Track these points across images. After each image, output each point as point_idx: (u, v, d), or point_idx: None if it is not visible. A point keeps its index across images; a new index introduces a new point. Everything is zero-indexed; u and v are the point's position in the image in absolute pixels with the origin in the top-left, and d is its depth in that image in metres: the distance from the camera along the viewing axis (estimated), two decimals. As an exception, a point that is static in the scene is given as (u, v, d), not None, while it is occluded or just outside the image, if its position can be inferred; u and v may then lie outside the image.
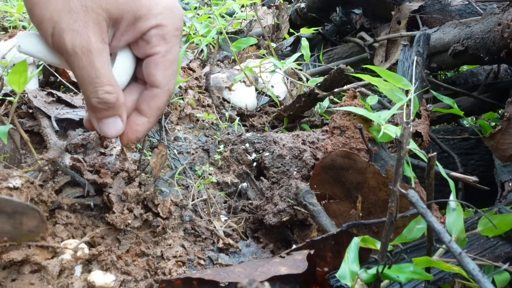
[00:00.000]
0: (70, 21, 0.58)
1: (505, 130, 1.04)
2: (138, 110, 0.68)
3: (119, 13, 0.61)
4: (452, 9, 1.63)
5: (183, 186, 0.95)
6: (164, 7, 0.63)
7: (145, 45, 0.64)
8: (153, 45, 0.64)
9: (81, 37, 0.58)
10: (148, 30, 0.63)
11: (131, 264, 0.75)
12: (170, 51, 0.66)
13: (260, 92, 1.41)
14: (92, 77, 0.60)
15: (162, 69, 0.65)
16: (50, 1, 0.58)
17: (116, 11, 0.60)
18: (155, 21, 0.63)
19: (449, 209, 0.60)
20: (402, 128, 0.47)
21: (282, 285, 0.62)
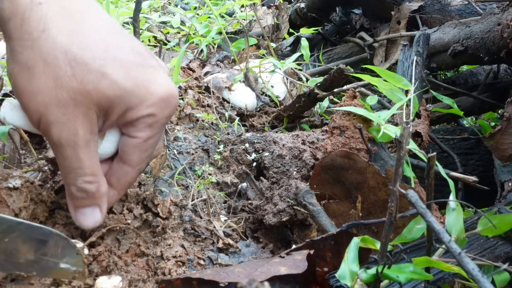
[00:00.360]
0: (58, 114, 0.55)
1: (505, 130, 1.04)
2: (108, 182, 0.66)
3: (110, 105, 0.59)
4: (451, 9, 1.63)
5: (182, 186, 0.95)
6: (158, 98, 0.61)
7: (130, 126, 0.62)
8: (138, 130, 0.62)
9: (68, 130, 0.56)
10: (137, 119, 0.61)
11: (131, 264, 0.75)
12: (153, 137, 0.64)
13: (260, 92, 1.41)
14: (74, 168, 0.58)
15: (139, 152, 0.64)
16: (36, 93, 0.55)
17: (107, 104, 0.58)
18: (146, 111, 0.61)
19: (449, 209, 0.60)
20: (402, 128, 0.47)
21: (282, 285, 0.62)
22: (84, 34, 0.57)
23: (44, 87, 0.55)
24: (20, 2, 0.55)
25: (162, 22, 2.07)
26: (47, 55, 0.54)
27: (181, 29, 1.90)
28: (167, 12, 2.34)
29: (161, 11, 2.36)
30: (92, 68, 0.56)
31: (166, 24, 2.07)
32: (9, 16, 0.54)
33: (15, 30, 0.55)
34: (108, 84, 0.57)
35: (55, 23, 0.55)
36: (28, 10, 0.55)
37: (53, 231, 0.51)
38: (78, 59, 0.55)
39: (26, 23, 0.54)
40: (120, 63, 0.58)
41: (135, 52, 0.61)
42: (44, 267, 0.52)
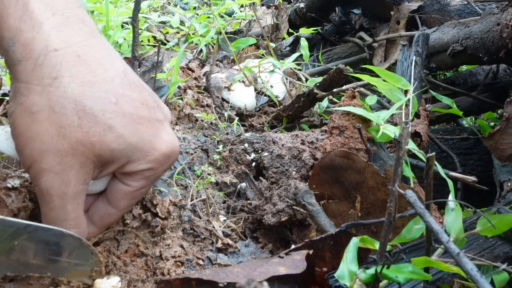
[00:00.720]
0: (53, 163, 0.54)
1: (504, 130, 1.04)
2: (89, 217, 0.66)
3: (112, 158, 0.58)
4: (451, 9, 1.63)
5: (182, 186, 0.94)
6: (161, 154, 0.61)
7: (126, 176, 0.62)
8: (133, 180, 0.62)
9: (60, 180, 0.55)
10: (136, 172, 0.61)
11: (130, 264, 0.75)
12: (145, 187, 0.64)
13: (259, 92, 1.41)
14: (59, 219, 0.57)
15: (128, 199, 0.64)
16: (35, 139, 0.54)
17: (109, 156, 0.58)
18: (146, 166, 0.61)
19: (448, 209, 0.60)
20: (401, 128, 0.47)
21: (281, 285, 0.62)
22: (96, 86, 0.56)
23: (44, 135, 0.54)
24: (35, 47, 0.53)
25: (162, 22, 2.07)
26: (55, 103, 0.53)
27: (180, 29, 1.90)
28: (167, 12, 2.34)
29: (161, 11, 2.36)
30: (100, 120, 0.55)
31: (166, 24, 2.07)
32: (20, 59, 0.53)
33: (25, 73, 0.53)
34: (114, 137, 0.56)
35: (69, 72, 0.54)
36: (42, 56, 0.53)
37: (64, 231, 0.50)
38: (87, 110, 0.54)
39: (38, 69, 0.53)
40: (129, 117, 0.58)
41: (144, 105, 0.60)
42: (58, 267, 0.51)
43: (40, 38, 0.53)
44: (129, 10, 1.81)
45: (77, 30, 0.56)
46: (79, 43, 0.55)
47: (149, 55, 1.44)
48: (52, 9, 0.54)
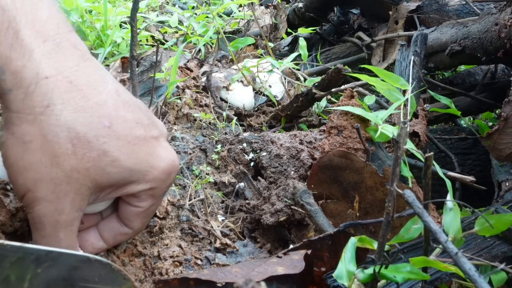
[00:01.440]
0: (47, 192, 0.53)
1: (502, 130, 1.04)
2: (100, 233, 0.65)
3: (108, 182, 0.57)
4: (449, 9, 1.63)
5: (180, 186, 0.94)
6: (160, 172, 0.61)
7: (131, 197, 0.62)
8: (140, 200, 0.62)
9: (53, 209, 0.53)
10: (138, 192, 0.60)
11: (128, 264, 0.75)
12: (155, 204, 0.64)
13: (257, 92, 1.41)
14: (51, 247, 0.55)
15: (141, 219, 0.64)
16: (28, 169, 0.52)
17: (105, 181, 0.56)
18: (147, 186, 0.60)
19: (446, 209, 0.60)
20: (399, 128, 0.47)
21: (279, 285, 0.62)
22: (89, 111, 0.55)
23: (37, 164, 0.52)
24: (25, 75, 0.51)
25: (160, 22, 2.06)
26: (48, 132, 0.52)
27: (179, 29, 1.90)
28: (165, 11, 2.34)
29: (159, 10, 2.36)
30: (95, 146, 0.54)
31: (164, 23, 2.07)
32: (10, 87, 0.51)
33: (15, 103, 0.52)
34: (109, 161, 0.56)
35: (61, 99, 0.53)
36: (33, 84, 0.52)
37: (90, 257, 0.47)
38: (81, 137, 0.54)
39: (29, 97, 0.52)
40: (123, 139, 0.57)
41: (138, 124, 0.60)
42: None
43: (30, 66, 0.52)
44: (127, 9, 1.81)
45: (69, 55, 0.55)
46: (71, 69, 0.54)
47: (148, 54, 1.44)
48: (43, 35, 0.53)
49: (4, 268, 0.44)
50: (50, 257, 0.45)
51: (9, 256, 0.44)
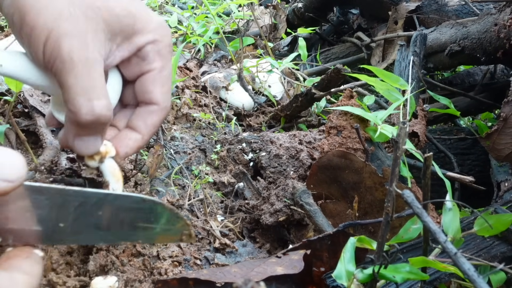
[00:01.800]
0: (69, 27, 0.54)
1: (501, 130, 1.04)
2: (132, 127, 0.64)
3: (119, 26, 0.58)
4: (449, 9, 1.63)
5: (179, 186, 0.94)
6: (157, 24, 0.62)
7: (140, 62, 0.62)
8: (150, 61, 0.62)
9: (80, 44, 0.54)
10: (144, 45, 0.61)
11: (127, 264, 0.75)
12: (166, 67, 0.64)
13: (257, 92, 1.41)
14: (87, 88, 0.54)
15: (159, 85, 0.63)
16: (46, 7, 0.54)
17: (116, 24, 0.58)
18: (152, 36, 0.61)
19: (445, 209, 0.60)
20: (399, 128, 0.47)
21: (279, 285, 0.62)
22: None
23: (54, 2, 0.54)
24: None
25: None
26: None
27: (178, 29, 1.90)
28: (165, 11, 2.34)
29: (159, 10, 2.36)
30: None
31: (164, 23, 2.06)
32: None
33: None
34: (115, 2, 0.58)
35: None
36: None
37: (145, 198, 0.49)
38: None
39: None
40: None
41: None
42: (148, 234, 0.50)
43: None
44: (127, 9, 1.80)
45: None
46: None
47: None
48: None
49: (69, 213, 0.46)
50: (108, 199, 0.47)
51: (72, 201, 0.46)
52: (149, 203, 0.49)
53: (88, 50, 0.55)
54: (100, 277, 0.69)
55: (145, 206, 0.49)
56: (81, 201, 0.47)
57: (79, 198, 0.46)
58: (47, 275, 0.68)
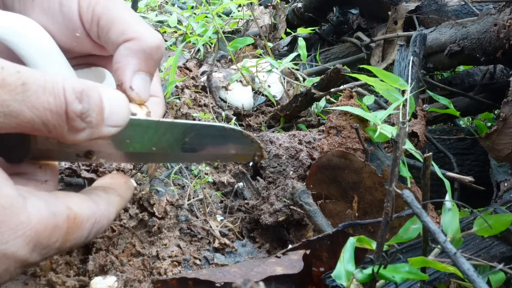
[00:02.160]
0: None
1: (501, 131, 1.04)
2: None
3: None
4: (448, 9, 1.64)
5: (179, 185, 0.94)
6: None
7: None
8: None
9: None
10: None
11: (127, 264, 0.75)
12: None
13: (256, 92, 1.41)
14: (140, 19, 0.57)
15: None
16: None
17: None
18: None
19: (445, 209, 0.60)
20: (398, 128, 0.47)
21: (278, 285, 0.62)
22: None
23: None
24: None
25: (159, 21, 2.06)
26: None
27: (178, 29, 1.90)
28: (164, 11, 2.34)
29: (158, 10, 2.36)
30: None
31: (163, 23, 2.07)
32: None
33: None
34: None
35: None
36: None
37: (226, 126, 0.56)
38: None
39: None
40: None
41: None
42: (225, 155, 0.57)
43: None
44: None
45: None
46: None
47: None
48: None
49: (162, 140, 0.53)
50: (195, 129, 0.54)
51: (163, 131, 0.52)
52: (230, 131, 0.56)
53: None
54: (100, 277, 0.69)
55: (226, 133, 0.56)
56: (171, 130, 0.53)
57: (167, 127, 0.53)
58: (47, 275, 0.68)
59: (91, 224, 0.48)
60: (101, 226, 0.50)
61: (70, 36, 0.57)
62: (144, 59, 0.55)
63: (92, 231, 0.48)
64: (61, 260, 0.72)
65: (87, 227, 0.47)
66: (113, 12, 0.55)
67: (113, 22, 0.55)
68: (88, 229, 0.48)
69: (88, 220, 0.47)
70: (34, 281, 0.67)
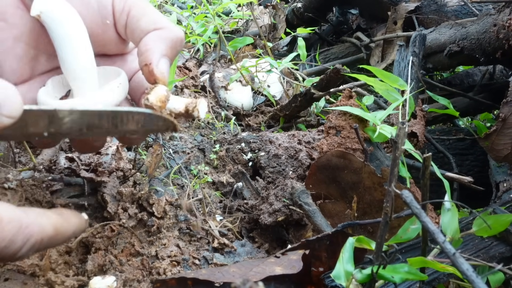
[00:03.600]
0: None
1: (500, 131, 1.04)
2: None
3: None
4: (448, 9, 1.63)
5: (178, 185, 0.94)
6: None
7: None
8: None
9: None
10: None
11: (126, 264, 0.75)
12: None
13: (256, 92, 1.41)
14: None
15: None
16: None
17: None
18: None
19: (444, 209, 0.60)
20: (398, 128, 0.47)
21: (277, 285, 0.62)
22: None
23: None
24: None
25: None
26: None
27: (177, 28, 1.90)
28: (164, 11, 2.34)
29: (158, 9, 2.35)
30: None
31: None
32: None
33: None
34: None
35: None
36: None
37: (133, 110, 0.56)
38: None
39: None
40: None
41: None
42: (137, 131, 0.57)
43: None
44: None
45: None
46: None
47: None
48: None
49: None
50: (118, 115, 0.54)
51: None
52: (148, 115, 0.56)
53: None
54: (99, 276, 0.69)
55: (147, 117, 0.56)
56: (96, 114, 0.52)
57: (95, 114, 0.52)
58: (46, 274, 0.68)
59: (14, 228, 0.45)
60: (31, 234, 0.47)
61: (100, 23, 0.61)
62: (170, 46, 0.60)
63: (18, 237, 0.46)
64: (60, 260, 0.72)
65: (8, 229, 0.45)
66: (142, 5, 0.61)
67: (144, 14, 0.60)
68: (11, 231, 0.45)
69: (10, 221, 0.45)
70: (33, 280, 0.67)
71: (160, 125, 0.57)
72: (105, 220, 0.80)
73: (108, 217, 0.79)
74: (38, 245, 0.49)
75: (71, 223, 0.54)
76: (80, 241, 0.75)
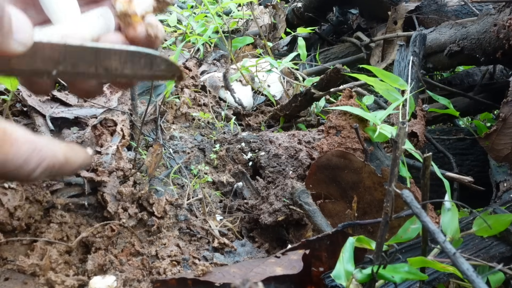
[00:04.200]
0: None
1: (500, 131, 1.04)
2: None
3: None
4: (448, 9, 1.63)
5: (178, 185, 0.94)
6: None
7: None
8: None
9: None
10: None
11: (126, 263, 0.75)
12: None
13: (256, 92, 1.41)
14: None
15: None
16: None
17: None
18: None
19: (444, 209, 0.60)
20: (398, 128, 0.47)
21: (277, 285, 0.62)
22: None
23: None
24: None
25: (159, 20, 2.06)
26: None
27: (177, 28, 1.90)
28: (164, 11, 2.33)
29: (158, 9, 2.35)
30: None
31: (163, 22, 2.06)
32: None
33: None
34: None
35: None
36: None
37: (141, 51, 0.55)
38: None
39: None
40: None
41: None
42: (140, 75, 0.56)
43: None
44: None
45: None
46: None
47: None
48: None
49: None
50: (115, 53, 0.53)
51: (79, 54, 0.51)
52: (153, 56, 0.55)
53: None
54: (99, 276, 0.69)
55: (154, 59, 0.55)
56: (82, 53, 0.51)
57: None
58: (46, 274, 0.68)
59: (30, 149, 0.46)
60: (44, 157, 0.48)
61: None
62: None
63: (33, 159, 0.47)
64: (61, 260, 0.72)
65: (24, 149, 0.46)
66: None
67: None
68: (27, 151, 0.46)
69: (25, 141, 0.46)
70: (33, 280, 0.67)
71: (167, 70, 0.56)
72: (105, 220, 0.80)
73: (108, 217, 0.79)
74: (50, 170, 0.50)
75: (78, 155, 0.55)
76: (80, 240, 0.75)
